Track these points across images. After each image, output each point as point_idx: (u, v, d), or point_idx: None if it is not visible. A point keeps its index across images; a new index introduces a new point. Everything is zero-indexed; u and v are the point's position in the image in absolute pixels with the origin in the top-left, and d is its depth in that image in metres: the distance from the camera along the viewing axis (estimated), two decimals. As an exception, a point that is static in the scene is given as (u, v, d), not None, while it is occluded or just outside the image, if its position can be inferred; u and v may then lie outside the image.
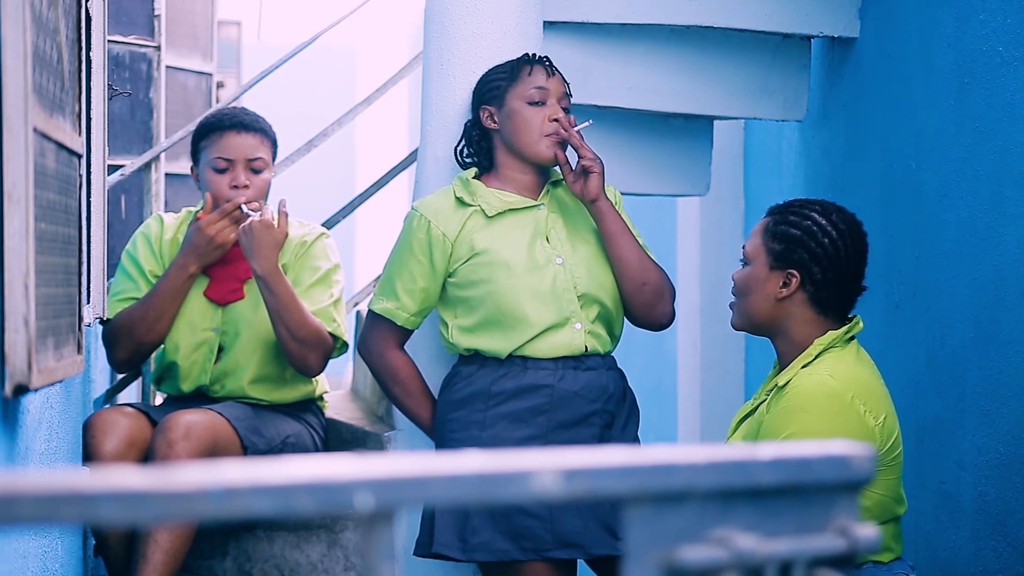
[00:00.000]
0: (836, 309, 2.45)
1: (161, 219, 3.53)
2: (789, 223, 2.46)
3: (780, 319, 2.46)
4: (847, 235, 2.44)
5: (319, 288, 3.45)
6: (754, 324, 2.50)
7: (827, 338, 2.42)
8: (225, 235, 3.35)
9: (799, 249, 2.43)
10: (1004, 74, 2.80)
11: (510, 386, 2.87)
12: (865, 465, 1.15)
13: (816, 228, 2.44)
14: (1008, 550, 2.76)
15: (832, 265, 2.42)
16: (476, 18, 3.10)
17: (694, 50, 3.52)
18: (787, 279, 2.44)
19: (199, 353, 3.43)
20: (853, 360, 2.42)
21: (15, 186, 1.87)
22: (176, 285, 3.37)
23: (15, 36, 1.86)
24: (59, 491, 0.97)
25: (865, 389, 2.38)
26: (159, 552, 3.14)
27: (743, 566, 1.11)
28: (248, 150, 3.42)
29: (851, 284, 2.45)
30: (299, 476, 1.00)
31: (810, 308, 2.44)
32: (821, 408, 2.32)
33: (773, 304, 2.46)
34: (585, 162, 2.89)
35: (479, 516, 2.82)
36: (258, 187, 3.42)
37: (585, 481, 1.06)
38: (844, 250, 2.43)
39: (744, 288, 2.50)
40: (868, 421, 2.33)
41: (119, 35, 4.85)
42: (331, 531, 3.49)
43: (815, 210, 2.47)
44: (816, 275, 2.42)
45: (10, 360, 1.90)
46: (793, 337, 2.44)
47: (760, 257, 2.47)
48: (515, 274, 2.88)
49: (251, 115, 3.51)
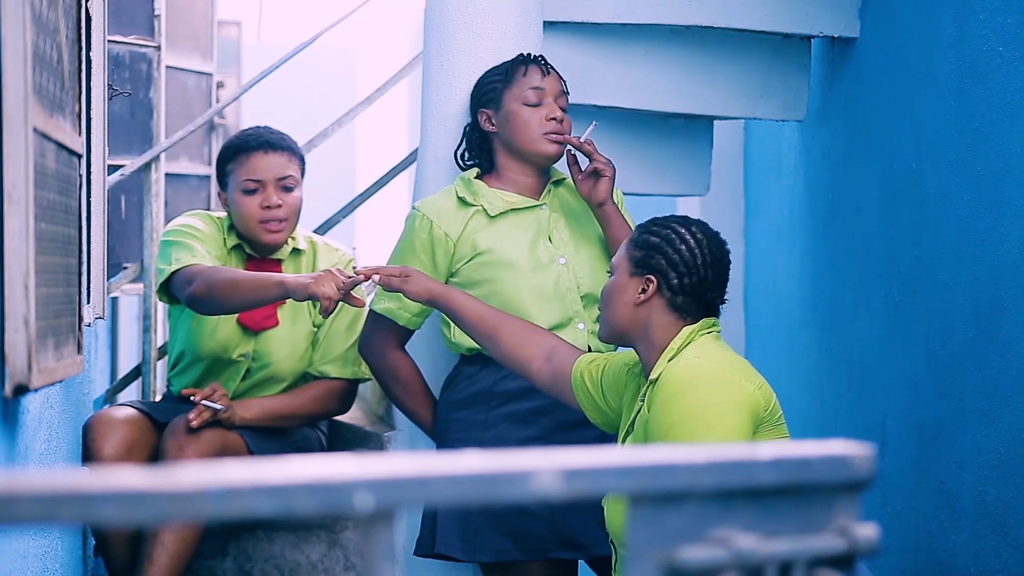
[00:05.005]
0: (695, 316, 2.49)
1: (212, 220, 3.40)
2: (650, 232, 2.52)
3: (640, 325, 2.50)
4: (704, 244, 2.51)
5: (341, 333, 3.45)
6: (616, 332, 2.54)
7: (684, 333, 2.48)
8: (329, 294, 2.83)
9: (656, 255, 2.49)
10: (1004, 74, 2.80)
11: (513, 387, 2.88)
12: (865, 465, 1.15)
13: (674, 236, 2.50)
14: (1008, 550, 2.76)
15: (689, 271, 2.48)
16: (476, 18, 3.10)
17: (694, 50, 3.52)
18: (645, 284, 2.49)
19: (227, 373, 3.42)
20: (714, 345, 2.47)
21: (15, 186, 1.87)
22: (264, 294, 2.99)
23: (15, 36, 1.86)
24: (59, 491, 0.97)
25: (733, 362, 2.44)
26: (164, 554, 3.14)
27: (743, 566, 1.11)
28: (277, 169, 3.37)
29: (709, 292, 2.49)
30: (299, 476, 1.00)
31: (669, 314, 2.49)
32: (699, 386, 2.36)
33: (632, 310, 2.50)
34: (599, 165, 2.90)
35: (481, 516, 2.82)
36: (290, 205, 3.38)
37: (585, 481, 1.06)
38: (701, 257, 2.49)
39: (607, 296, 2.55)
40: (746, 387, 2.38)
41: (119, 35, 4.85)
42: (331, 531, 3.49)
43: (676, 221, 2.54)
44: (673, 280, 2.48)
45: (10, 360, 1.90)
46: (654, 342, 2.49)
47: (622, 266, 2.53)
48: (519, 274, 2.88)
49: (277, 133, 3.45)
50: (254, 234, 3.37)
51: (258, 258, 3.42)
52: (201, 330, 3.39)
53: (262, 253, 3.42)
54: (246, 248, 3.42)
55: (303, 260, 3.45)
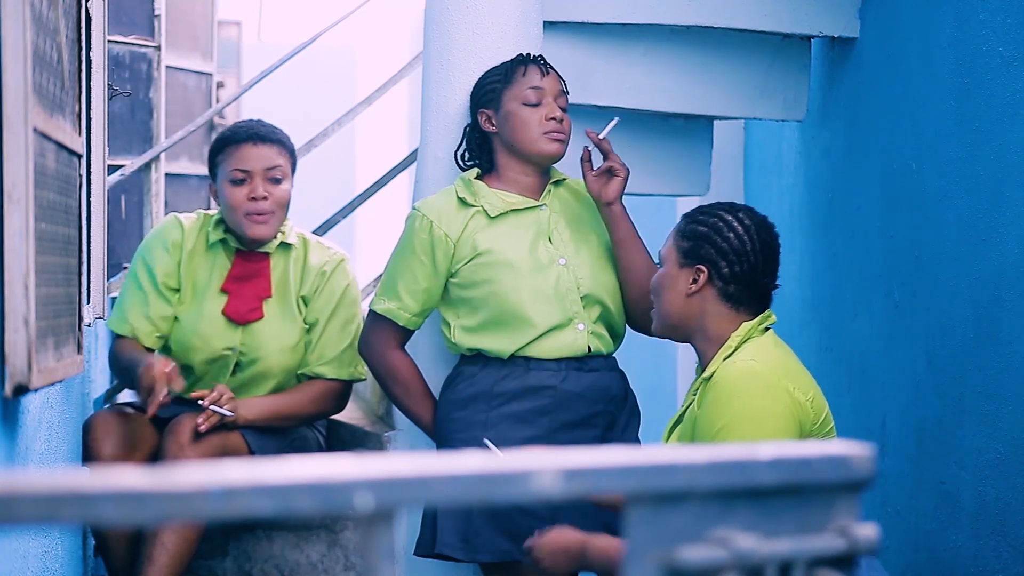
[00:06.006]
0: (748, 304, 2.47)
1: (180, 225, 3.43)
2: (697, 222, 2.50)
3: (693, 317, 2.48)
4: (753, 230, 2.48)
5: (336, 335, 3.44)
6: (670, 324, 2.52)
7: (742, 330, 2.45)
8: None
9: (705, 244, 2.47)
10: (1004, 74, 2.80)
11: (513, 387, 2.87)
12: (865, 465, 1.15)
13: (722, 224, 2.48)
14: (1008, 550, 2.76)
15: (739, 259, 2.45)
16: (476, 18, 3.10)
17: (694, 50, 3.52)
18: (695, 275, 2.47)
19: (216, 367, 3.41)
20: (772, 345, 2.45)
21: (15, 186, 1.87)
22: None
23: (15, 36, 1.86)
24: (59, 491, 0.97)
25: (789, 370, 2.41)
26: (165, 554, 3.14)
27: (743, 566, 1.11)
28: (265, 160, 3.37)
29: (761, 279, 2.47)
30: (299, 476, 1.00)
31: (721, 304, 2.46)
32: (750, 390, 2.34)
33: (684, 301, 2.48)
34: (614, 164, 2.90)
35: (481, 516, 2.82)
36: (277, 198, 3.37)
37: (585, 481, 1.06)
38: (751, 244, 2.46)
39: (658, 288, 2.53)
40: (798, 397, 2.36)
41: (119, 35, 4.85)
42: (331, 531, 3.49)
43: (723, 208, 2.52)
44: (723, 269, 2.46)
45: (10, 360, 1.90)
46: (709, 334, 2.46)
47: (671, 256, 2.51)
48: (519, 275, 2.88)
49: (267, 126, 3.46)
50: (240, 226, 3.36)
51: (245, 251, 3.41)
52: (184, 325, 3.39)
53: (249, 247, 3.41)
54: (231, 242, 3.41)
55: (292, 256, 3.43)
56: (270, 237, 3.39)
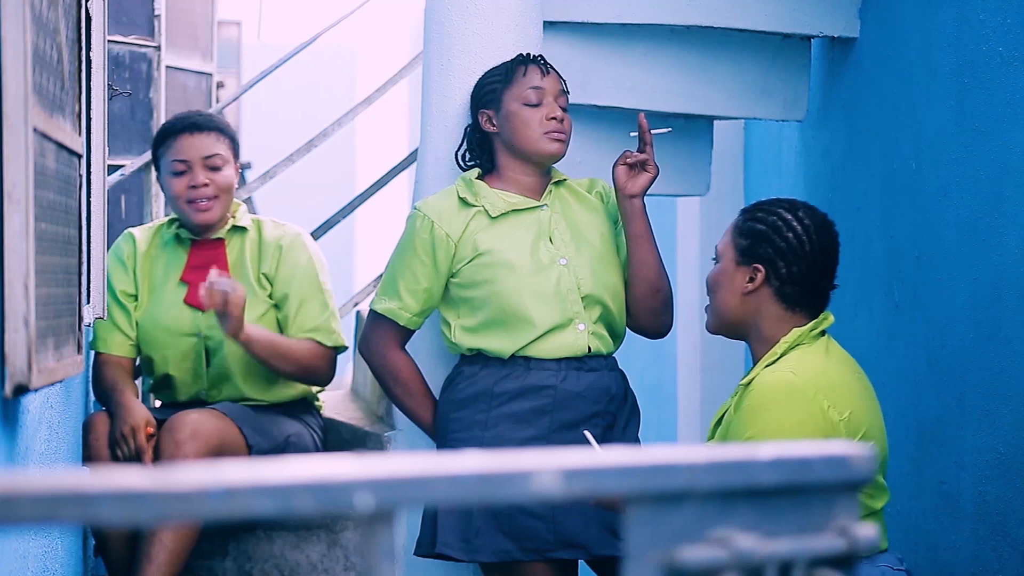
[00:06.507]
0: (805, 306, 2.43)
1: (132, 236, 3.51)
2: (756, 219, 2.46)
3: (749, 315, 2.45)
4: (813, 231, 2.44)
5: (311, 304, 3.45)
6: (725, 322, 2.49)
7: (792, 335, 2.41)
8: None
9: (764, 244, 2.43)
10: (1004, 74, 2.80)
11: (513, 386, 2.87)
12: (865, 465, 1.15)
13: (781, 223, 2.44)
14: (1008, 550, 2.76)
15: (798, 260, 2.41)
16: (476, 18, 3.10)
17: (694, 50, 3.52)
18: (752, 274, 2.44)
19: (188, 360, 3.42)
20: (821, 355, 2.41)
21: (15, 186, 1.87)
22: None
23: (15, 36, 1.86)
24: (59, 491, 0.97)
25: (830, 384, 2.36)
26: (163, 552, 3.14)
27: (743, 566, 1.11)
28: (203, 149, 3.41)
29: (819, 280, 2.44)
30: (299, 476, 1.00)
31: (778, 304, 2.43)
32: (782, 404, 2.31)
33: (740, 299, 2.45)
34: (649, 160, 2.90)
35: (481, 516, 2.82)
36: (218, 184, 3.40)
37: (585, 481, 1.06)
38: (810, 245, 2.42)
39: (714, 285, 2.50)
40: (832, 416, 2.31)
41: (119, 35, 4.85)
42: (331, 531, 3.49)
43: (782, 206, 2.47)
44: (781, 270, 2.42)
45: (10, 360, 1.90)
46: (764, 335, 2.43)
47: (728, 253, 2.48)
48: (519, 275, 2.88)
49: (205, 116, 3.52)
50: (185, 215, 3.42)
51: (200, 240, 3.45)
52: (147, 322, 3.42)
53: (200, 234, 3.45)
54: (184, 235, 3.46)
55: (247, 238, 3.47)
56: (215, 221, 3.43)
